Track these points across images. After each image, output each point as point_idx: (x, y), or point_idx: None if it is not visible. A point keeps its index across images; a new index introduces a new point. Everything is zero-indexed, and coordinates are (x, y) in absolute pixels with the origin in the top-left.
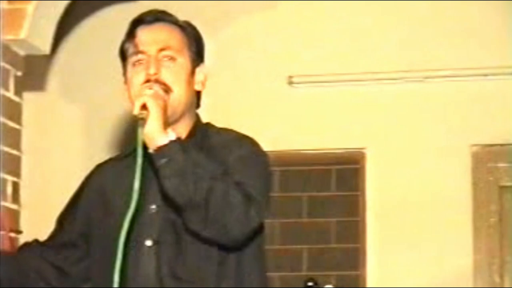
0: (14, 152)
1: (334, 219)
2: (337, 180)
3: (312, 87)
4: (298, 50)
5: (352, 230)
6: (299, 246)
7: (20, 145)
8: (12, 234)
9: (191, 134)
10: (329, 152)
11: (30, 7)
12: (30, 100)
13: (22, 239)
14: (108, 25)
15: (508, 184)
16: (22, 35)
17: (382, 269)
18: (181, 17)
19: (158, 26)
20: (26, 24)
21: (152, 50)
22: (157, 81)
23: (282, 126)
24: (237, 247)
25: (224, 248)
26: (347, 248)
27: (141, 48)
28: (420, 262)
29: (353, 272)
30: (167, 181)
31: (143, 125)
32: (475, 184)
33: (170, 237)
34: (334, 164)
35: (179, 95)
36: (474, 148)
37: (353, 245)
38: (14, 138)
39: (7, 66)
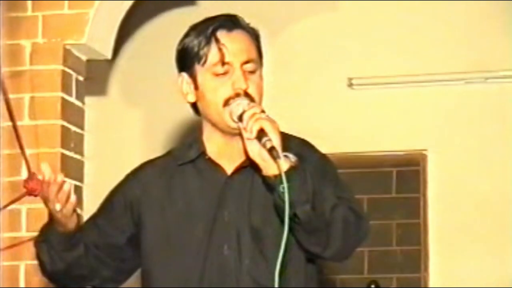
0: (77, 156)
1: (395, 221)
2: (397, 182)
3: (371, 89)
4: (358, 52)
5: (413, 232)
6: (360, 249)
7: (82, 150)
8: None
9: None
10: (390, 154)
11: (91, 12)
12: (92, 105)
13: None
14: (167, 29)
15: None
16: (84, 40)
17: (444, 271)
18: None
19: (238, 34)
20: (88, 29)
21: (237, 61)
22: (246, 94)
23: (342, 128)
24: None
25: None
26: (408, 250)
27: (227, 59)
28: (482, 264)
29: (415, 275)
30: (298, 208)
31: (276, 156)
32: None
33: (249, 245)
34: (394, 166)
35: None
36: None
37: (414, 247)
38: (76, 142)
39: (69, 71)
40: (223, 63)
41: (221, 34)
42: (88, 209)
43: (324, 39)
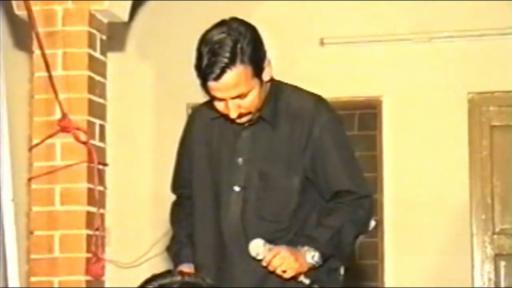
0: (101, 100)
1: (357, 153)
2: (359, 122)
3: (339, 47)
4: (328, 15)
5: (371, 162)
6: None
7: (105, 95)
8: (100, 166)
9: (269, 103)
10: (353, 99)
11: None
12: (113, 59)
13: (108, 171)
14: None
15: (498, 124)
16: (105, 5)
17: (397, 193)
18: None
19: (225, 79)
20: None
21: (228, 97)
22: (240, 116)
23: (315, 78)
24: None
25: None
26: (367, 176)
27: (218, 96)
28: (434, 179)
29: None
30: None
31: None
32: (471, 124)
33: (256, 184)
34: (357, 109)
35: (257, 109)
36: (470, 95)
37: (372, 174)
38: (100, 89)
39: (94, 31)
40: (215, 97)
41: (210, 85)
42: (111, 142)
43: (300, 3)
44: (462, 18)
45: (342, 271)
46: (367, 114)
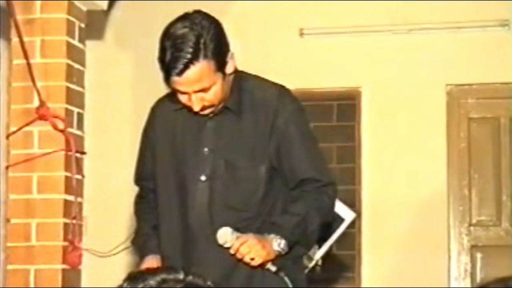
0: (79, 89)
1: (335, 144)
2: (338, 112)
3: (318, 38)
4: (307, 6)
5: (350, 153)
6: None
7: (83, 83)
8: (78, 155)
9: (233, 94)
10: (332, 90)
11: None
12: (91, 47)
13: (86, 159)
14: None
15: (475, 116)
16: None
17: (374, 185)
18: None
19: (188, 74)
20: None
21: (190, 91)
22: (203, 108)
23: (294, 69)
24: None
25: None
26: (345, 167)
27: (181, 90)
28: (400, 177)
29: (350, 187)
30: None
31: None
32: (449, 116)
33: (223, 174)
34: (335, 100)
35: (220, 101)
36: (449, 87)
37: (350, 165)
38: (78, 77)
39: (73, 19)
40: (178, 91)
41: (173, 80)
42: (89, 131)
43: None
44: (441, 10)
45: (320, 262)
46: (345, 105)
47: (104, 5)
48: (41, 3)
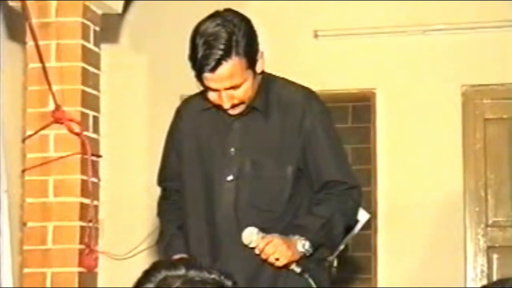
0: (94, 92)
1: (351, 146)
2: (353, 114)
3: (333, 40)
4: (322, 8)
5: (365, 155)
6: None
7: (99, 86)
8: (94, 158)
9: (260, 94)
10: (347, 92)
11: None
12: (106, 51)
13: (102, 162)
14: None
15: (491, 117)
16: None
17: (390, 184)
18: None
19: (220, 71)
20: None
21: (222, 88)
22: (233, 106)
23: (309, 71)
24: None
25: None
26: (362, 169)
27: (213, 87)
28: (416, 178)
29: (366, 188)
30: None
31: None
32: (464, 117)
33: (249, 174)
34: (350, 101)
35: (249, 99)
36: (464, 88)
37: (366, 167)
38: (94, 81)
39: (88, 23)
40: (210, 88)
41: (206, 76)
42: (104, 134)
43: None
44: (456, 10)
45: (335, 263)
46: (360, 106)
47: (119, 8)
48: (56, 7)
